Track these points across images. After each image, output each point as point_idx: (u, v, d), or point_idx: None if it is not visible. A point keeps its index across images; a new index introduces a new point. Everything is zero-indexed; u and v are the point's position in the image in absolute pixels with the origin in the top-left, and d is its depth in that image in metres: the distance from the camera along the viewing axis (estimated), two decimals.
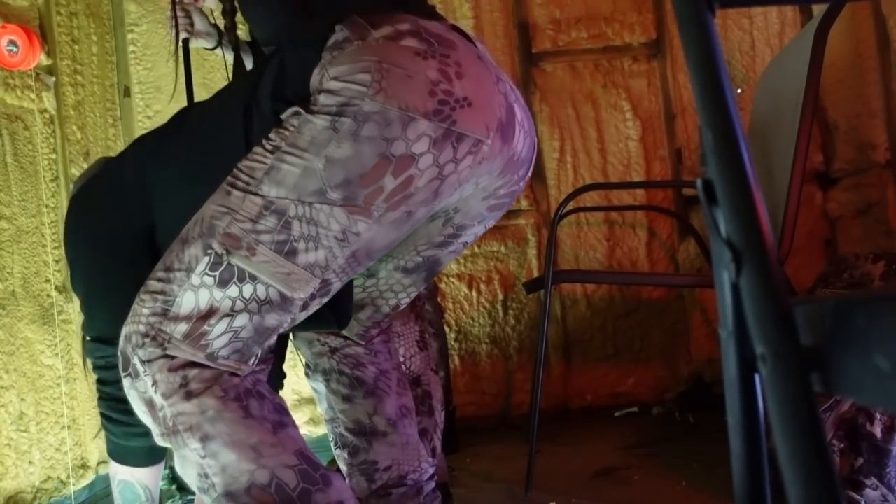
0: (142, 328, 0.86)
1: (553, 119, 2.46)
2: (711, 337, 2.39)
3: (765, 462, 0.46)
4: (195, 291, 0.84)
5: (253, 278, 0.84)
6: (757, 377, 0.45)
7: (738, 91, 2.39)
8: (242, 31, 1.73)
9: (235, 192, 0.85)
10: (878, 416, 1.20)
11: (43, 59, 1.99)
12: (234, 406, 0.84)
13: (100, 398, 1.11)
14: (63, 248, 1.08)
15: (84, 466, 1.98)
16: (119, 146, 2.41)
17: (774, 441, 0.39)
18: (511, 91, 0.95)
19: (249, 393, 0.87)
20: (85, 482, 1.98)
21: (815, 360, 0.39)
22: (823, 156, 2.35)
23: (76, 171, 2.10)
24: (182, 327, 0.84)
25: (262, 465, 0.83)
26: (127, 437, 1.09)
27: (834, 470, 0.37)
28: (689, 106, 2.42)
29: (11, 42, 1.80)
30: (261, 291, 0.85)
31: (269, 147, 0.86)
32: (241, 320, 0.85)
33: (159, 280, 0.87)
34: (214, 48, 1.81)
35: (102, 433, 2.05)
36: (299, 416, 2.37)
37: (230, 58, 1.75)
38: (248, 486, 0.83)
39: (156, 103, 2.49)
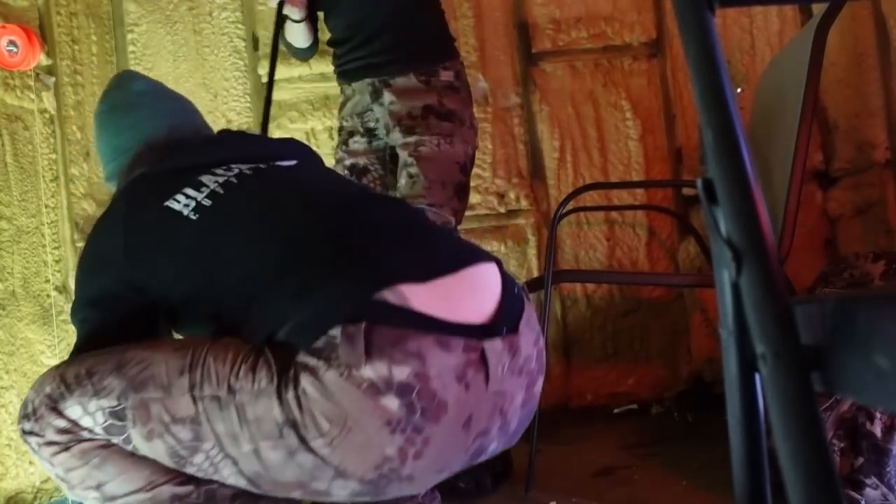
0: (36, 401, 0.92)
1: (553, 119, 2.46)
2: (711, 336, 2.39)
3: (765, 462, 0.46)
4: (84, 408, 0.90)
5: (128, 442, 0.90)
6: (757, 377, 0.45)
7: (738, 91, 2.39)
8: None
9: (181, 382, 0.86)
10: (878, 415, 1.20)
11: (43, 60, 1.99)
12: (115, 447, 0.90)
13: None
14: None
15: None
16: None
17: (774, 441, 0.39)
18: (499, 416, 0.91)
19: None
20: None
21: (815, 359, 0.39)
22: (823, 155, 2.35)
23: (76, 172, 2.10)
24: (61, 423, 0.91)
25: (157, 490, 0.91)
26: None
27: (834, 469, 0.37)
28: (689, 106, 2.41)
29: (11, 42, 1.81)
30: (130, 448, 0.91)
31: (232, 377, 0.85)
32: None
33: (77, 375, 0.92)
34: (301, 20, 1.82)
35: None
36: None
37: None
38: None
39: None
